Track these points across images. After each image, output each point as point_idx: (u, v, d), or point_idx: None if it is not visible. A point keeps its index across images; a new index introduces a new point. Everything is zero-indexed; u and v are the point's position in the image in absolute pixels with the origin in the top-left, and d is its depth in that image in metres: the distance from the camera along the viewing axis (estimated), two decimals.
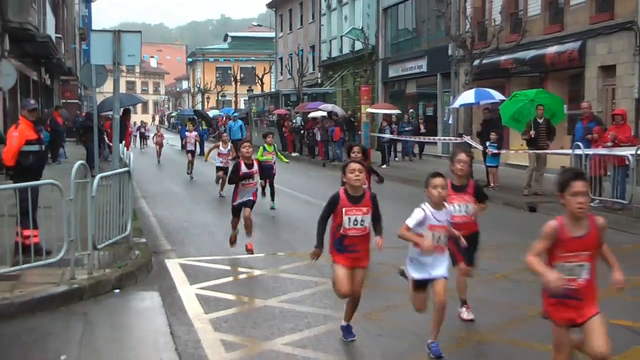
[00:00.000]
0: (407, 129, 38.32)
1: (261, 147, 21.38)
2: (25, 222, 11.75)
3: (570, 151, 21.60)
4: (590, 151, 20.12)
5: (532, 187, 22.37)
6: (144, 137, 62.37)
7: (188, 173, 31.54)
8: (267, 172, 20.35)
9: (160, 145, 43.69)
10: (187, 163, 32.08)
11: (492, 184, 25.05)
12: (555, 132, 23.33)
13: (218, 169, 24.77)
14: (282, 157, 23.51)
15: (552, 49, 30.69)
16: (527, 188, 22.51)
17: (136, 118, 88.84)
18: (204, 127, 54.40)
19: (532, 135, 22.28)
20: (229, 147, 25.46)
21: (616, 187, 19.82)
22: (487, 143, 25.18)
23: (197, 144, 46.21)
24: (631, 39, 26.38)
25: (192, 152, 32.73)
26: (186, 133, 35.80)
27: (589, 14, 28.97)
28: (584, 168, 20.11)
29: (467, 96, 27.32)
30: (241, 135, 45.95)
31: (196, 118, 56.41)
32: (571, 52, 29.47)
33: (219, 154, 25.04)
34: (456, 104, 28.71)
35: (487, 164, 25.63)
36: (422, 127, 38.24)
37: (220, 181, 24.04)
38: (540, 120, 22.24)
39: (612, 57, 27.57)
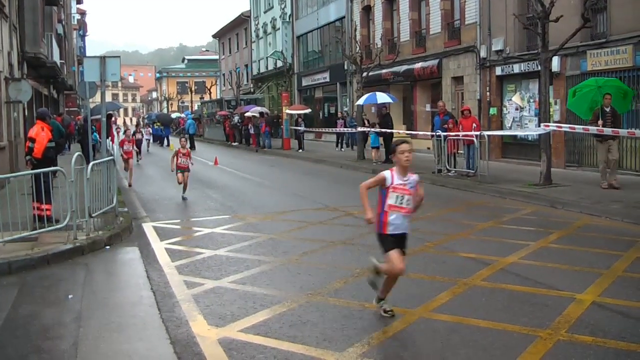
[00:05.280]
0: (354, 123, 36.53)
1: None
2: (41, 198, 11.76)
3: (432, 134, 21.91)
4: (448, 135, 20.44)
5: (608, 179, 16.55)
6: (139, 144, 32.02)
7: None
8: None
9: (185, 168, 17.53)
10: None
11: (375, 160, 25.32)
12: (620, 122, 17.10)
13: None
14: None
15: (418, 65, 31.00)
16: (603, 182, 16.64)
17: (118, 121, 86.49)
18: (158, 125, 51.47)
19: (601, 125, 16.25)
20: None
21: (467, 161, 20.19)
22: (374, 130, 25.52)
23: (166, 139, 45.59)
24: (473, 58, 26.87)
25: None
26: None
27: (443, 41, 29.35)
28: (442, 149, 20.44)
29: (372, 97, 27.53)
30: (195, 130, 45.60)
31: (156, 121, 54.97)
32: (432, 67, 29.82)
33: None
34: (360, 102, 28.50)
35: (372, 146, 25.90)
36: (366, 122, 35.91)
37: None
38: (607, 109, 16.46)
39: (461, 70, 27.97)
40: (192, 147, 42.33)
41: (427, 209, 14.72)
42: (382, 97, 27.78)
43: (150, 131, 44.98)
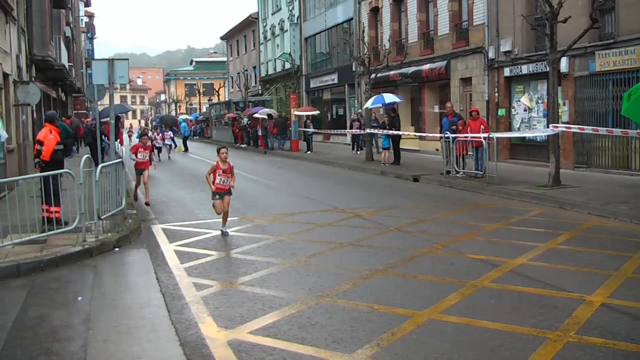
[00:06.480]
0: (374, 124, 35.70)
1: None
2: (50, 200, 11.81)
3: (441, 135, 21.85)
4: (456, 136, 20.40)
5: None
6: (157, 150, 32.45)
7: None
8: None
9: (225, 190, 12.74)
10: None
11: (384, 162, 25.23)
12: None
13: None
14: None
15: (426, 66, 30.96)
16: None
17: (126, 123, 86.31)
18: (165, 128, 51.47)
19: None
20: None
21: (476, 162, 20.12)
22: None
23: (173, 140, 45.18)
24: (481, 59, 26.78)
25: None
26: None
27: (451, 42, 29.28)
28: (451, 150, 20.39)
29: (380, 98, 27.40)
30: (190, 132, 46.12)
31: (160, 125, 54.80)
32: (440, 68, 29.76)
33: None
34: (368, 105, 28.29)
35: (383, 147, 25.83)
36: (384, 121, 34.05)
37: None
38: None
39: (469, 71, 27.91)
40: (186, 149, 42.78)
41: (435, 210, 14.73)
42: (389, 97, 27.77)
43: (171, 134, 40.59)
